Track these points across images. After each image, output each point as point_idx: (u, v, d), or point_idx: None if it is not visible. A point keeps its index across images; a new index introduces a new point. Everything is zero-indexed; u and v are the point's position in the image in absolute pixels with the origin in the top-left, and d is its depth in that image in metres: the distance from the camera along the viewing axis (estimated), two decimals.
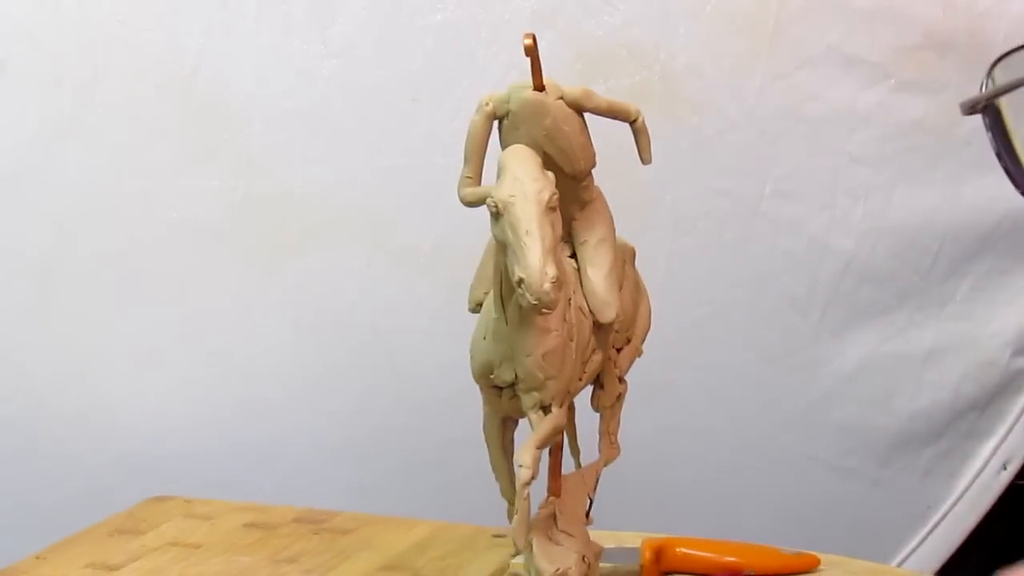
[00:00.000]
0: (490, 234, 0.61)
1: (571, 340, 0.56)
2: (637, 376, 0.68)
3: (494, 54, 1.02)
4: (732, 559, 0.74)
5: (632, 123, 0.58)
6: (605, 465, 0.64)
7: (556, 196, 0.51)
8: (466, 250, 0.63)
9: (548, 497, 0.63)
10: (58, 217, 1.03)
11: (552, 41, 1.00)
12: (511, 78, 1.02)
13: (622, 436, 0.62)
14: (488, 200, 0.50)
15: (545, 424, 0.56)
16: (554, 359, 0.55)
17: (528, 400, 0.57)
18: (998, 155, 0.41)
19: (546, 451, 0.64)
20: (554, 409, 0.56)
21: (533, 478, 0.54)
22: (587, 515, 0.63)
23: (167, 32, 1.00)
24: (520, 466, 0.54)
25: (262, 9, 1.00)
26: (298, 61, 1.01)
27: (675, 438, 1.11)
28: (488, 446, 0.62)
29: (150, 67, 1.00)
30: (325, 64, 1.01)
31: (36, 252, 1.04)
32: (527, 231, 0.49)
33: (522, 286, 0.48)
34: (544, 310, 0.49)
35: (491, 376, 0.58)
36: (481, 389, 0.59)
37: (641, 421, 1.04)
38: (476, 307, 0.60)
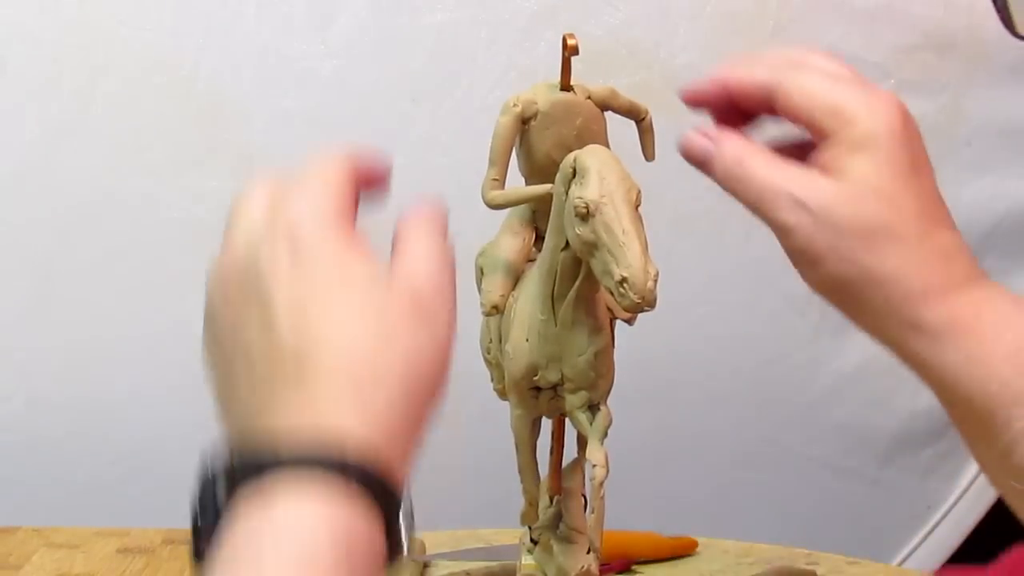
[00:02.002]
0: (489, 238, 0.61)
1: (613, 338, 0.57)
2: (637, 376, 0.68)
3: (494, 54, 1.02)
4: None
5: (640, 121, 0.59)
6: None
7: (641, 195, 0.51)
8: (465, 250, 0.63)
9: (554, 497, 0.64)
10: (58, 217, 1.03)
11: (552, 41, 1.00)
12: (511, 78, 1.03)
13: (622, 436, 0.62)
14: (577, 201, 0.50)
15: (604, 421, 0.57)
16: (605, 357, 0.56)
17: (576, 399, 0.57)
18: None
19: (547, 451, 0.64)
20: (602, 407, 0.57)
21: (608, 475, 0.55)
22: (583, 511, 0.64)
23: (167, 32, 1.00)
24: (595, 465, 0.55)
25: (262, 9, 1.00)
26: (298, 61, 1.01)
27: (675, 438, 1.11)
28: (518, 448, 0.62)
29: (150, 67, 1.00)
30: (325, 64, 1.01)
31: (36, 252, 1.04)
32: (624, 230, 0.49)
33: (625, 285, 0.48)
34: (646, 308, 0.49)
35: (534, 378, 0.58)
36: (515, 392, 0.59)
37: (641, 421, 1.04)
38: (492, 310, 0.59)
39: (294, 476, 0.38)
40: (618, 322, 0.60)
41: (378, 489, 0.39)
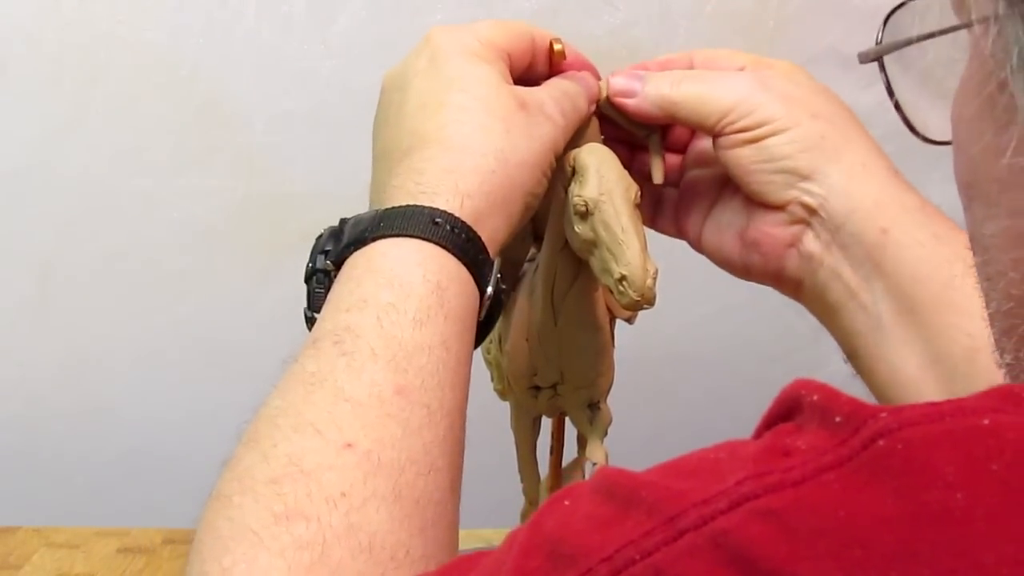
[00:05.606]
0: None
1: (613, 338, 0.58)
2: (637, 375, 0.68)
3: None
4: None
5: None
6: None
7: (640, 193, 0.51)
8: None
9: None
10: (58, 217, 1.03)
11: None
12: None
13: (622, 436, 0.62)
14: (576, 199, 0.50)
15: (604, 420, 0.57)
16: (605, 356, 0.57)
17: (576, 398, 0.57)
18: (895, 105, 0.44)
19: (547, 451, 0.64)
20: (602, 406, 0.57)
21: None
22: None
23: (167, 32, 1.00)
24: (595, 464, 0.56)
25: (262, 9, 1.00)
26: (298, 61, 1.01)
27: (675, 438, 1.11)
28: (517, 447, 0.62)
29: (150, 67, 1.00)
30: (325, 64, 1.01)
31: (36, 252, 1.04)
32: (623, 228, 0.48)
33: (624, 283, 0.48)
34: (645, 306, 0.49)
35: (534, 377, 0.58)
36: (513, 392, 0.59)
37: (641, 421, 1.04)
38: None
39: (391, 229, 0.45)
40: (618, 321, 0.60)
41: (466, 244, 0.45)
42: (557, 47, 0.54)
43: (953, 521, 0.25)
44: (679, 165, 0.59)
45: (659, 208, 0.59)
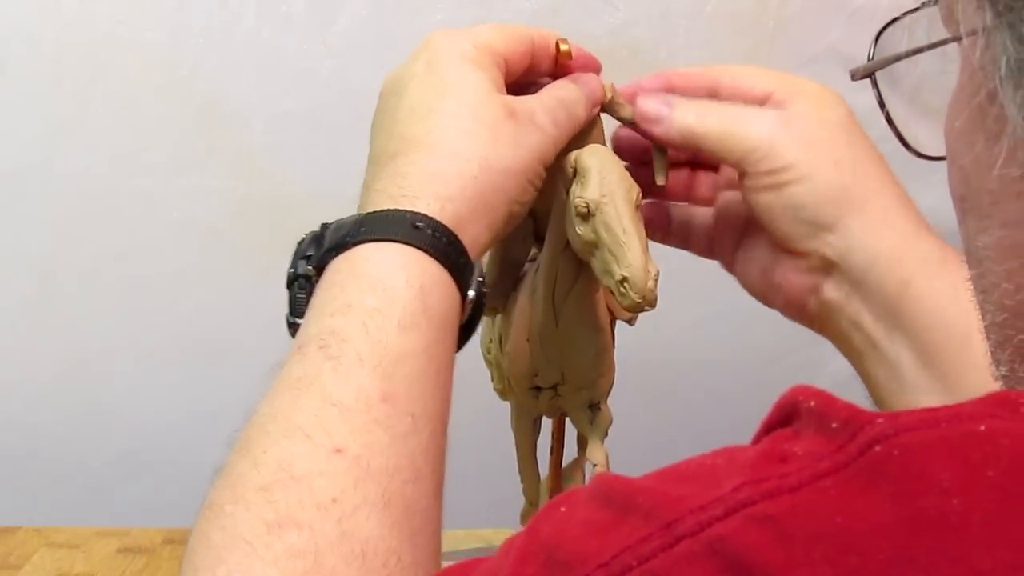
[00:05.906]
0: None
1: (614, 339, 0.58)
2: (637, 376, 0.68)
3: None
4: None
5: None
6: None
7: (641, 195, 0.51)
8: None
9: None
10: (58, 217, 1.03)
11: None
12: None
13: (623, 436, 0.62)
14: (578, 200, 0.50)
15: (604, 421, 0.57)
16: (606, 357, 0.57)
17: (577, 399, 0.57)
18: (887, 120, 0.43)
19: (547, 451, 0.64)
20: (602, 407, 0.57)
21: None
22: None
23: (167, 32, 1.00)
24: (595, 465, 0.56)
25: (262, 9, 1.00)
26: (298, 61, 1.01)
27: (675, 438, 1.11)
28: (517, 448, 0.62)
29: (150, 67, 1.00)
30: (325, 64, 1.01)
31: (36, 252, 1.04)
32: (624, 230, 0.48)
33: (625, 285, 0.48)
34: (647, 307, 0.48)
35: (535, 378, 0.58)
36: (513, 392, 0.59)
37: (641, 421, 1.04)
38: (492, 311, 0.59)
39: (372, 233, 0.45)
40: (618, 322, 0.60)
41: (448, 248, 0.45)
42: (563, 47, 0.54)
43: (949, 527, 0.25)
44: (712, 183, 0.59)
45: (691, 229, 0.59)
